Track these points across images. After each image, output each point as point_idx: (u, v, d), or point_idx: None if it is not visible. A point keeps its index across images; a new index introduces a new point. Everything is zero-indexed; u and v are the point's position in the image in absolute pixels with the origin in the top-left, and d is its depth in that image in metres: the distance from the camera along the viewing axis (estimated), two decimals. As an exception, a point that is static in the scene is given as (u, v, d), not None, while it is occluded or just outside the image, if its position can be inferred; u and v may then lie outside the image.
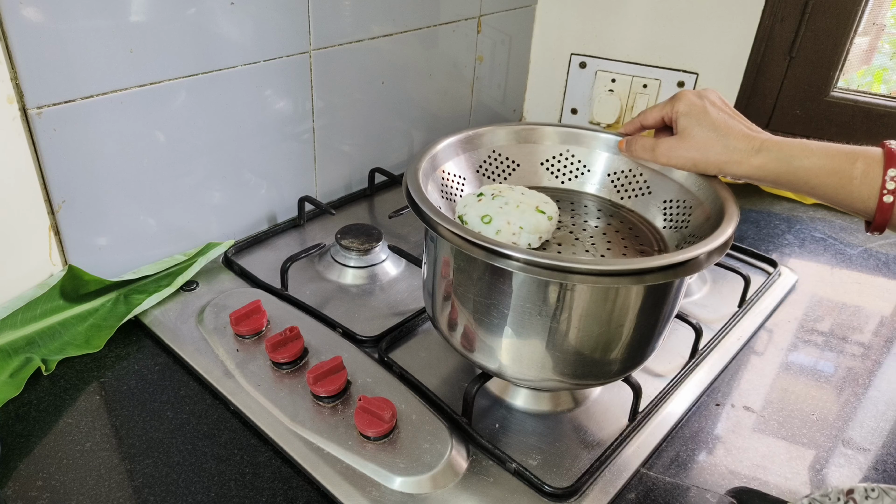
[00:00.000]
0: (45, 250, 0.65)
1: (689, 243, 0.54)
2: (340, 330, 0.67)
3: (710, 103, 0.57)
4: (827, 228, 0.95)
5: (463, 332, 0.54)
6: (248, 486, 0.51)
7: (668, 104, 0.59)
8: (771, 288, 0.79)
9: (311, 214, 0.89)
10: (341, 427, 0.55)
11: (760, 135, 0.55)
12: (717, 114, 0.56)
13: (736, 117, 0.56)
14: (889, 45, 1.32)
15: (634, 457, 0.56)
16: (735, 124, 0.55)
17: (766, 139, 0.54)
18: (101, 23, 0.60)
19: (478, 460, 0.54)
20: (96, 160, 0.65)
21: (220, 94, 0.73)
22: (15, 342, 0.61)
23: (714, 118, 0.55)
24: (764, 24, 0.98)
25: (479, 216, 0.53)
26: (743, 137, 0.54)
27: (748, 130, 0.55)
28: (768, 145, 0.53)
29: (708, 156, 0.55)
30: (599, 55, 1.12)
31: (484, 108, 1.15)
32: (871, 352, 0.71)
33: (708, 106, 0.56)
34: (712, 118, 0.55)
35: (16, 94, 0.58)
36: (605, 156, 0.64)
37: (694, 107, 0.56)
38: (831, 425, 0.61)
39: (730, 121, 0.55)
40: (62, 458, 0.52)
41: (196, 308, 0.69)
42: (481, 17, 1.03)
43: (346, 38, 0.84)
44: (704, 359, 0.67)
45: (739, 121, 0.56)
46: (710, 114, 0.56)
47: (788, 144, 0.53)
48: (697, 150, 0.55)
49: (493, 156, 0.64)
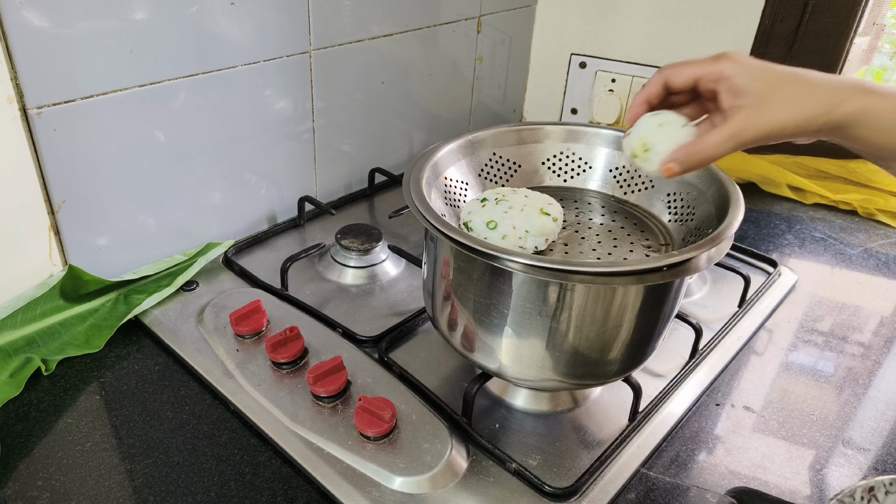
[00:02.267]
0: (45, 250, 0.65)
1: (696, 236, 0.54)
2: (340, 330, 0.67)
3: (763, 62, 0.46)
4: (827, 228, 0.95)
5: (463, 332, 0.54)
6: (248, 486, 0.51)
7: (706, 64, 0.47)
8: (771, 288, 0.79)
9: (311, 214, 0.89)
10: (341, 427, 0.55)
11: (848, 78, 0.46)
12: (780, 67, 0.45)
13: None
14: (889, 45, 1.32)
15: (634, 457, 0.56)
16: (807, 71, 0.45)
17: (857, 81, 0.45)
18: (101, 23, 0.60)
19: (478, 460, 0.54)
20: (96, 160, 0.65)
21: (220, 94, 0.73)
22: (15, 342, 0.61)
23: (779, 68, 0.45)
24: (764, 24, 0.98)
25: (485, 222, 0.53)
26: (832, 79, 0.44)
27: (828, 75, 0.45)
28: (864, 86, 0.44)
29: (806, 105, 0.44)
30: (599, 55, 1.12)
31: (484, 108, 1.15)
32: (871, 352, 0.71)
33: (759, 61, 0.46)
34: (776, 69, 0.45)
35: (16, 94, 0.58)
36: (606, 151, 0.64)
37: (747, 63, 0.45)
38: (831, 425, 0.61)
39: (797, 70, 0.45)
40: (62, 458, 0.52)
41: (196, 308, 0.69)
42: (481, 17, 1.03)
43: (346, 38, 0.84)
44: (704, 359, 0.67)
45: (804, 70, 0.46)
46: (772, 67, 0.45)
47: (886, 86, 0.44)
48: (792, 105, 0.44)
49: (493, 158, 0.64)
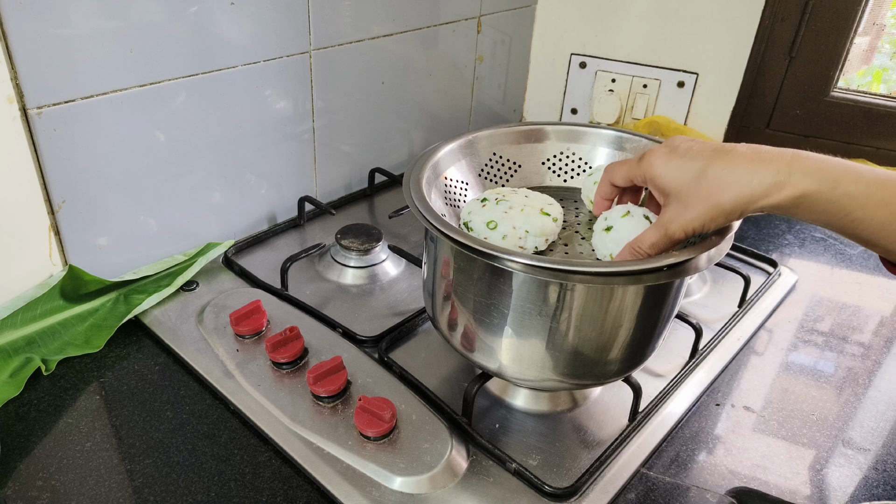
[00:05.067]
0: (45, 250, 0.65)
1: (696, 237, 0.54)
2: (340, 330, 0.67)
3: (680, 144, 0.46)
4: (827, 228, 0.95)
5: (463, 332, 0.54)
6: (248, 486, 0.51)
7: (630, 165, 0.49)
8: (771, 288, 0.79)
9: (311, 214, 0.89)
10: (341, 427, 0.55)
11: (782, 153, 0.43)
12: (700, 148, 0.45)
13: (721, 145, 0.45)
14: (889, 45, 1.32)
15: (634, 457, 0.56)
16: (733, 148, 0.44)
17: (792, 158, 0.42)
18: (102, 23, 0.60)
19: (478, 460, 0.54)
20: (96, 160, 0.65)
21: (220, 94, 0.73)
22: (15, 342, 0.61)
23: (698, 153, 0.44)
24: (764, 24, 0.98)
25: (485, 222, 0.53)
26: (759, 161, 0.42)
27: (758, 152, 0.43)
28: (800, 165, 0.42)
29: (723, 201, 0.43)
30: (599, 55, 1.12)
31: (484, 108, 1.15)
32: (871, 352, 0.71)
33: (681, 147, 0.45)
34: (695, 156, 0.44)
35: (16, 94, 0.58)
36: (606, 151, 0.64)
37: (667, 159, 0.46)
38: (831, 425, 0.61)
39: (722, 149, 0.44)
40: (62, 458, 0.52)
41: (196, 308, 0.69)
42: (481, 17, 1.03)
43: (346, 38, 0.84)
44: (704, 359, 0.67)
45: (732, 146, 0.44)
46: (692, 152, 0.44)
47: (828, 164, 0.42)
48: (708, 201, 0.43)
49: (493, 158, 0.64)
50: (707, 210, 0.44)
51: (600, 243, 0.52)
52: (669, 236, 0.46)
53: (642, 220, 0.50)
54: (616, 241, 0.50)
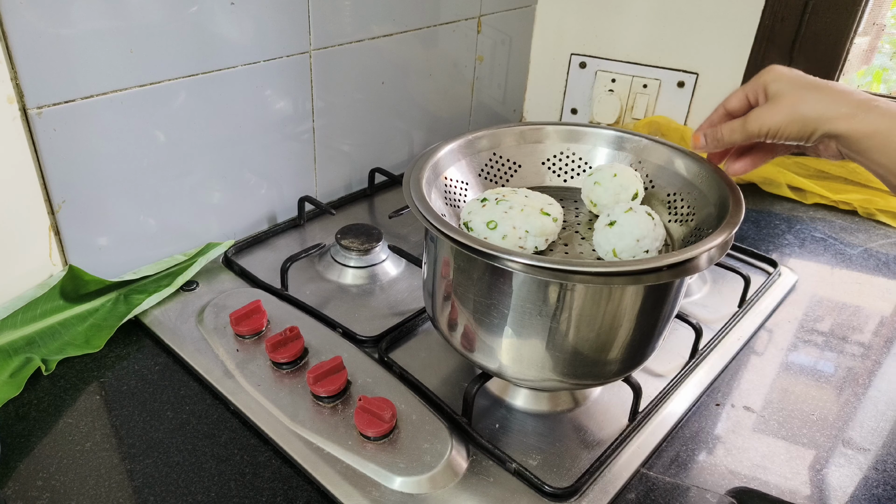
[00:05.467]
0: (45, 250, 0.65)
1: (696, 237, 0.54)
2: (340, 330, 0.67)
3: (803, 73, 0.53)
4: (827, 228, 0.95)
5: (463, 332, 0.54)
6: (248, 486, 0.51)
7: (751, 81, 0.55)
8: (771, 288, 0.79)
9: (311, 214, 0.89)
10: (341, 427, 0.55)
11: (870, 97, 0.50)
12: (813, 78, 0.52)
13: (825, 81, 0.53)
14: (889, 45, 1.33)
15: (634, 457, 0.56)
16: (837, 84, 0.51)
17: (874, 101, 0.50)
18: (102, 23, 0.60)
19: (478, 460, 0.54)
20: (96, 160, 0.65)
21: (220, 94, 0.73)
22: (15, 342, 0.61)
23: (810, 78, 0.52)
24: (764, 24, 0.98)
25: (485, 222, 0.53)
26: (849, 94, 0.50)
27: (848, 88, 0.51)
28: (880, 108, 0.49)
29: (804, 109, 0.51)
30: (599, 55, 1.12)
31: (484, 108, 1.15)
32: (871, 352, 0.71)
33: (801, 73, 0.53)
34: (807, 78, 0.52)
35: (16, 94, 0.58)
36: (606, 151, 0.64)
37: (784, 72, 0.53)
38: (831, 425, 0.61)
39: (829, 82, 0.52)
40: (62, 458, 0.52)
41: (196, 308, 0.69)
42: (481, 17, 1.03)
43: (346, 38, 0.84)
44: (704, 359, 0.67)
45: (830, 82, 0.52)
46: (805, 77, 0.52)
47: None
48: (792, 106, 0.51)
49: (494, 158, 0.64)
50: (788, 114, 0.51)
51: (602, 240, 0.53)
52: (747, 127, 0.53)
53: (644, 216, 0.53)
54: (619, 236, 0.52)
